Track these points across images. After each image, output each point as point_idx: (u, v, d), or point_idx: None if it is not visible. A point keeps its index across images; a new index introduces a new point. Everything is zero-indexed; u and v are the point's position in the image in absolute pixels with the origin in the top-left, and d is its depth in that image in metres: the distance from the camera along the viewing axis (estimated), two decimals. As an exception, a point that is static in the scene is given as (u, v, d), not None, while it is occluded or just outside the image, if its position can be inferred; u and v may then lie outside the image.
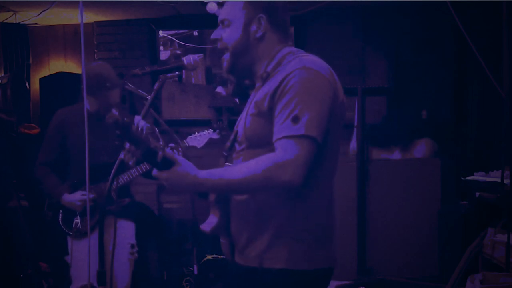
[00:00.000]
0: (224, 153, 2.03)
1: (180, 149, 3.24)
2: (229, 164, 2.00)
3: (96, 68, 3.51)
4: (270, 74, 1.92)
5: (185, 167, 1.82)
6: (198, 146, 3.62)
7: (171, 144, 3.44)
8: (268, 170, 1.75)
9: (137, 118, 1.94)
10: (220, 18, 2.01)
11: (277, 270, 1.87)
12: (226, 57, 2.00)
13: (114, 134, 1.77)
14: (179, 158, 1.83)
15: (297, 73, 1.82)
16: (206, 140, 3.63)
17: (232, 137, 2.03)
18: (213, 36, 2.02)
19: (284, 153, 1.75)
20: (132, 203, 3.69)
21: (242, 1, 1.96)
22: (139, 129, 1.85)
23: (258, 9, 1.95)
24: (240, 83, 2.07)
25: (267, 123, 1.85)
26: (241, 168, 1.81)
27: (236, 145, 2.00)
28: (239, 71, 2.02)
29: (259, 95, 1.90)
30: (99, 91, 3.39)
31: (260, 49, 1.97)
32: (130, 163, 1.84)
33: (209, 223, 2.02)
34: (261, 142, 1.87)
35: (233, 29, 1.97)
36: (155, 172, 1.82)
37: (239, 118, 2.03)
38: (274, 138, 1.80)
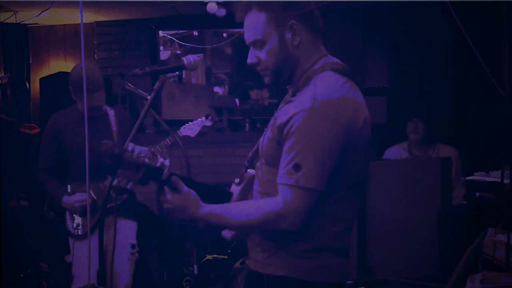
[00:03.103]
0: (246, 163, 2.06)
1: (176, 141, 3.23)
2: (251, 172, 2.02)
3: (79, 70, 3.53)
4: (299, 90, 1.89)
5: (186, 199, 1.85)
6: (192, 135, 3.59)
7: (167, 140, 3.44)
8: (266, 219, 1.80)
9: (130, 145, 1.94)
10: (248, 41, 1.93)
11: (281, 278, 1.87)
12: (267, 73, 1.94)
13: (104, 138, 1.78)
14: (184, 188, 1.85)
15: (303, 116, 1.78)
16: (199, 128, 3.60)
17: (255, 148, 2.04)
18: (249, 61, 1.95)
19: (282, 204, 1.78)
20: (132, 200, 3.70)
21: (263, 16, 1.88)
22: (135, 154, 1.86)
23: (284, 16, 1.88)
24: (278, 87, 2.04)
25: (280, 150, 1.85)
26: (242, 211, 1.84)
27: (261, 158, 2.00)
28: (284, 81, 1.97)
29: (276, 121, 1.87)
30: (83, 93, 3.39)
31: (299, 53, 1.92)
32: (128, 186, 1.88)
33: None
34: (276, 163, 1.86)
35: (270, 45, 1.89)
36: (169, 196, 1.87)
37: (266, 127, 2.00)
38: (277, 180, 1.82)
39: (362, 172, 1.92)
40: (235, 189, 2.03)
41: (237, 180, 2.03)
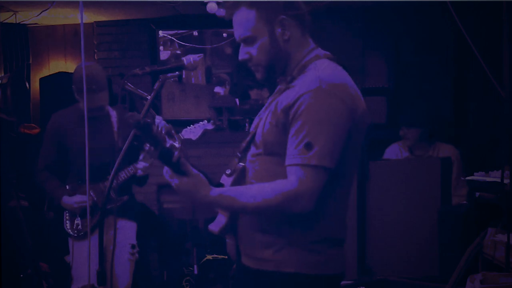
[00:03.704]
0: (238, 154, 2.01)
1: (177, 140, 3.23)
2: (242, 164, 1.98)
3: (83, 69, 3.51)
4: (295, 78, 1.90)
5: (196, 182, 1.80)
6: (194, 138, 3.58)
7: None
8: (281, 201, 1.77)
9: (158, 118, 1.92)
10: (240, 37, 1.94)
11: (288, 274, 1.86)
12: (259, 69, 1.95)
13: (124, 134, 1.75)
14: (193, 170, 1.81)
15: (311, 96, 1.79)
16: (201, 131, 3.60)
17: (248, 138, 2.00)
18: (240, 58, 1.95)
19: (297, 183, 1.76)
20: (132, 200, 3.69)
21: (253, 13, 1.89)
22: (159, 129, 1.83)
23: (273, 12, 1.89)
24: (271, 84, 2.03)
25: (284, 134, 1.84)
26: (255, 192, 1.81)
27: (253, 147, 1.97)
28: (276, 76, 1.97)
29: (279, 105, 1.87)
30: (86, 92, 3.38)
31: (289, 47, 1.93)
32: (147, 164, 1.84)
33: (218, 223, 1.99)
34: (278, 150, 1.86)
35: (261, 41, 1.90)
36: (167, 176, 1.81)
37: (258, 118, 2.00)
38: (287, 162, 1.80)
39: (353, 170, 1.93)
40: (226, 180, 1.98)
41: (228, 171, 1.99)
